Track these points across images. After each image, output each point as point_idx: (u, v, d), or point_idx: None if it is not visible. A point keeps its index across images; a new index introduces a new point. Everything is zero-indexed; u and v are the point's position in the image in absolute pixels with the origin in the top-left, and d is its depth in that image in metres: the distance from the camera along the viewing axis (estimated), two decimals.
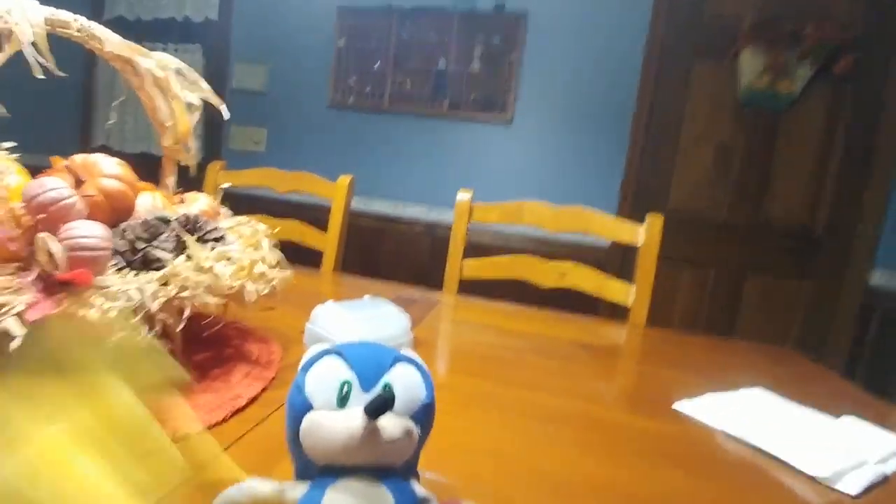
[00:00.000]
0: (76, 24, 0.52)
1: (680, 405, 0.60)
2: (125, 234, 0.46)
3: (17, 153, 0.52)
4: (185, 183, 0.66)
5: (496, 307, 1.02)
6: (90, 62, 2.77)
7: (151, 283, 0.42)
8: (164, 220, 0.49)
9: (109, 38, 0.56)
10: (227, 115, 0.67)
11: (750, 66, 1.96)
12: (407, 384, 0.26)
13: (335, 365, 0.26)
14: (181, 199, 0.63)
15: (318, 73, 2.45)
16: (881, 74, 1.89)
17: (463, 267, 1.17)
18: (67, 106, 2.78)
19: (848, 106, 1.93)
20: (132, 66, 0.58)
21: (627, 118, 2.12)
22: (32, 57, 0.45)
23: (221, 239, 0.52)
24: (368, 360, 0.26)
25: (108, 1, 2.72)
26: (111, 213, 0.49)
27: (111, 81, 2.78)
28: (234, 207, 0.65)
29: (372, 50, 2.36)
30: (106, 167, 0.51)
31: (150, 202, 0.55)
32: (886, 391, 1.78)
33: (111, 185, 0.50)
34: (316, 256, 1.22)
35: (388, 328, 0.64)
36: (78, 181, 0.49)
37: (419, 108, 2.32)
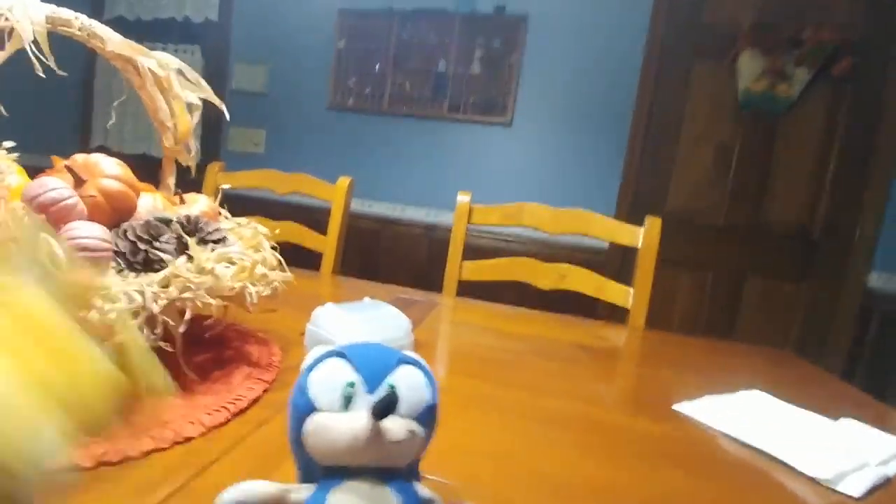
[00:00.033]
0: (77, 22, 0.52)
1: (680, 407, 0.60)
2: (126, 234, 0.46)
3: (16, 153, 0.52)
4: (184, 184, 0.66)
5: (496, 309, 1.02)
6: (90, 62, 2.76)
7: (153, 284, 0.42)
8: (165, 221, 0.49)
9: (111, 37, 0.55)
10: (226, 115, 0.67)
11: (748, 69, 1.96)
12: (411, 386, 0.26)
13: (339, 366, 0.26)
14: (181, 199, 0.63)
15: (317, 74, 2.45)
16: (880, 76, 1.90)
17: (462, 269, 1.17)
18: (67, 106, 2.78)
19: (847, 107, 1.94)
20: (133, 65, 0.58)
21: (627, 120, 2.12)
22: (33, 55, 0.45)
23: (222, 240, 0.52)
24: (372, 361, 0.26)
25: (107, 1, 2.72)
26: (112, 213, 0.49)
27: (111, 82, 2.78)
28: (232, 209, 0.65)
29: (372, 51, 2.36)
30: (107, 167, 0.50)
31: (150, 203, 0.55)
32: (886, 392, 1.78)
33: (112, 185, 0.50)
34: (315, 258, 1.22)
35: (388, 330, 0.63)
36: (78, 181, 0.49)
37: (419, 109, 2.32)
